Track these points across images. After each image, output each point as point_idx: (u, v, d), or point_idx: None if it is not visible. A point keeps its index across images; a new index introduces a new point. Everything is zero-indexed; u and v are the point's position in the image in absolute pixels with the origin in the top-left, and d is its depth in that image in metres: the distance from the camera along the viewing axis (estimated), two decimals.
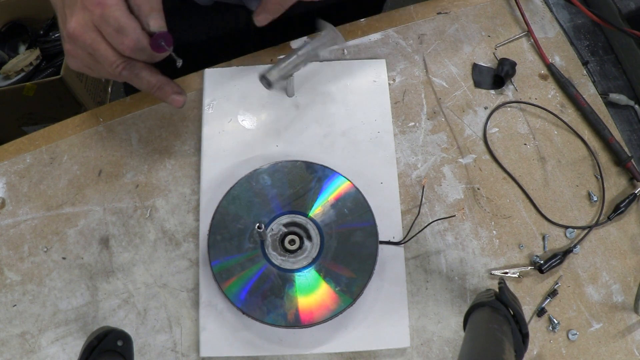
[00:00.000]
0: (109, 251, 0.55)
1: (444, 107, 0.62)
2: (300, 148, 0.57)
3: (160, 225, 0.56)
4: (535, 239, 0.56)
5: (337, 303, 0.49)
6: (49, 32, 1.51)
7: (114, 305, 0.53)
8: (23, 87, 1.36)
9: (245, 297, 0.50)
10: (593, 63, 0.66)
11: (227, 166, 0.57)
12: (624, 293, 0.54)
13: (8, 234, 0.56)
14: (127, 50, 0.44)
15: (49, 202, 0.57)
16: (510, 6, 0.67)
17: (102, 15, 0.42)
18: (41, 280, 0.54)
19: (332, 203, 0.53)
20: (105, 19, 0.43)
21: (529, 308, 0.54)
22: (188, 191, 0.57)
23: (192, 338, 0.52)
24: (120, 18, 0.43)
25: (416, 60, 0.64)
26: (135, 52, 0.45)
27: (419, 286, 0.54)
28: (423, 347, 0.52)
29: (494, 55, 0.64)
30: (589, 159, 0.60)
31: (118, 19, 0.42)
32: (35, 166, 0.59)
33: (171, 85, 0.50)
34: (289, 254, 0.52)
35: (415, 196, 0.57)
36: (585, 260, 0.56)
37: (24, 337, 0.52)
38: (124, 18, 0.43)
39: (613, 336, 0.53)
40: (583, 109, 0.61)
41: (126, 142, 0.60)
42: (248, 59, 0.63)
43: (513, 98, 0.62)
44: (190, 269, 0.54)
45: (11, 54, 1.52)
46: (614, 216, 0.57)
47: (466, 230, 0.56)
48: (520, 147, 0.60)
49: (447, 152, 0.59)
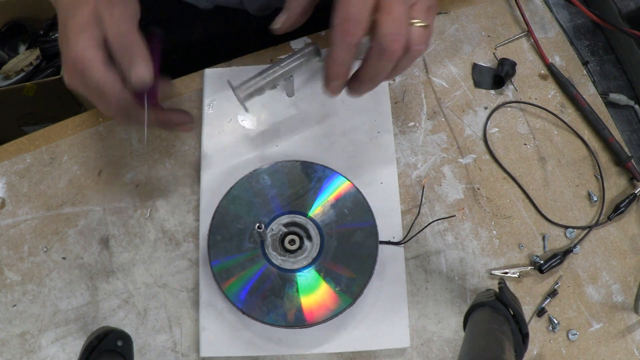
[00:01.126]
0: (109, 251, 0.55)
1: (444, 107, 0.62)
2: (300, 148, 0.57)
3: (160, 225, 0.56)
4: (535, 239, 0.56)
5: (337, 303, 0.49)
6: (49, 32, 1.51)
7: (114, 305, 0.53)
8: (23, 87, 1.36)
9: (245, 297, 0.50)
10: (593, 63, 0.66)
11: (227, 166, 0.57)
12: (624, 293, 0.54)
13: (8, 234, 0.56)
14: (111, 112, 0.42)
15: (49, 202, 0.57)
16: (510, 6, 0.67)
17: (82, 73, 0.40)
18: (41, 280, 0.54)
19: (332, 203, 0.53)
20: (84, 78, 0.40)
21: (529, 308, 0.54)
22: (188, 191, 0.57)
23: (192, 338, 0.52)
24: (98, 78, 0.40)
25: (416, 60, 0.64)
26: (120, 111, 0.42)
27: (419, 286, 0.54)
28: (423, 347, 0.52)
29: (494, 55, 0.64)
30: (589, 159, 0.60)
31: (96, 79, 0.40)
32: (35, 166, 0.59)
33: (174, 115, 0.47)
34: (289, 254, 0.52)
35: (415, 196, 0.57)
36: (585, 260, 0.56)
37: (24, 337, 0.52)
38: (102, 77, 0.40)
39: (613, 336, 0.53)
40: (583, 109, 0.61)
41: (126, 142, 0.60)
42: (248, 59, 0.63)
43: (513, 98, 0.62)
44: (190, 269, 0.54)
45: (11, 54, 1.51)
46: (614, 216, 0.57)
47: (466, 230, 0.56)
48: (520, 147, 0.60)
49: (447, 152, 0.59)
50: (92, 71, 0.40)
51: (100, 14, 0.40)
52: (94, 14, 0.40)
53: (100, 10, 0.40)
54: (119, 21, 0.40)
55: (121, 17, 0.40)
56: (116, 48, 0.40)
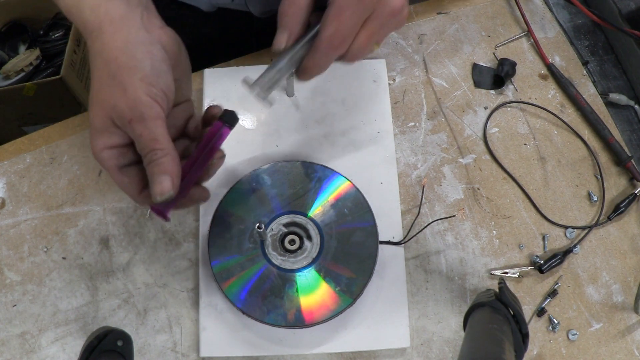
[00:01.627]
0: (109, 251, 0.55)
1: (444, 107, 0.62)
2: (300, 148, 0.57)
3: (160, 225, 0.56)
4: (535, 239, 0.56)
5: (337, 303, 0.49)
6: (49, 32, 1.51)
7: (114, 305, 0.53)
8: (23, 87, 1.36)
9: (245, 297, 0.50)
10: (593, 63, 0.66)
11: (227, 166, 0.57)
12: (624, 293, 0.54)
13: (8, 234, 0.56)
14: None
15: (49, 202, 0.57)
16: (510, 6, 0.67)
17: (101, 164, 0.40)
18: (41, 280, 0.54)
19: (332, 203, 0.53)
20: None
21: (529, 308, 0.54)
22: None
23: (192, 338, 0.52)
24: (113, 178, 0.40)
25: (416, 60, 0.64)
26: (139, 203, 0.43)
27: (419, 286, 0.54)
28: (423, 347, 0.52)
29: (494, 55, 0.64)
30: (589, 159, 0.60)
31: (111, 177, 0.40)
32: (35, 166, 0.59)
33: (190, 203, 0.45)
34: (289, 254, 0.52)
35: (415, 196, 0.57)
36: (585, 260, 0.56)
37: (24, 337, 0.52)
38: (116, 179, 0.40)
39: (613, 336, 0.53)
40: (583, 109, 0.61)
41: None
42: (248, 59, 0.63)
43: (513, 98, 0.62)
44: (190, 269, 0.54)
45: (11, 54, 1.51)
46: (614, 216, 0.57)
47: (466, 230, 0.56)
48: (520, 147, 0.60)
49: (447, 152, 0.59)
50: (108, 170, 0.40)
51: (122, 119, 0.38)
52: (111, 119, 0.38)
53: (122, 114, 0.38)
54: (139, 132, 0.38)
55: (145, 124, 0.38)
56: (141, 154, 0.39)
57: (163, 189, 0.38)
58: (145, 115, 0.37)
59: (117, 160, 0.40)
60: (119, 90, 0.37)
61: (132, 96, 0.37)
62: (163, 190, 0.38)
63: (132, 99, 0.37)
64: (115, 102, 0.38)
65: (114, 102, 0.38)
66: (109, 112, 0.38)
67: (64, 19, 1.53)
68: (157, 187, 0.38)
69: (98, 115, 0.39)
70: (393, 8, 0.41)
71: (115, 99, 0.38)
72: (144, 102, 0.37)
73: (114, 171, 0.40)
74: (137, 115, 0.37)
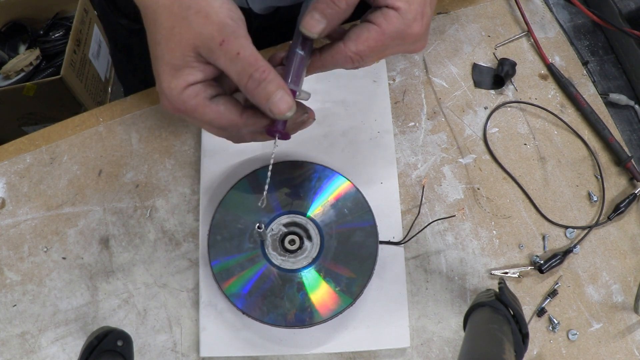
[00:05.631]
0: (109, 251, 0.55)
1: (444, 107, 0.62)
2: (300, 148, 0.57)
3: (160, 225, 0.56)
4: (535, 239, 0.56)
5: (337, 303, 0.49)
6: (49, 32, 1.51)
7: (114, 305, 0.53)
8: (23, 87, 1.36)
9: (245, 297, 0.50)
10: (593, 63, 0.66)
11: (227, 166, 0.57)
12: (624, 293, 0.54)
13: (8, 234, 0.56)
14: (222, 136, 0.40)
15: (49, 202, 0.57)
16: (510, 6, 0.67)
17: (182, 112, 0.38)
18: (41, 280, 0.54)
19: (332, 203, 0.53)
20: (186, 116, 0.38)
21: (529, 308, 0.54)
22: (188, 191, 0.57)
23: (192, 338, 0.52)
24: (202, 117, 0.38)
25: (416, 60, 0.64)
26: (234, 138, 0.41)
27: (419, 286, 0.54)
28: (423, 347, 0.52)
29: (494, 55, 0.64)
30: (589, 159, 0.60)
31: (200, 118, 0.38)
32: (35, 166, 0.59)
33: (297, 127, 0.43)
34: (289, 254, 0.52)
35: (415, 196, 0.57)
36: (585, 260, 0.56)
37: (24, 337, 0.52)
38: (208, 114, 0.38)
39: (613, 336, 0.53)
40: (583, 109, 0.61)
41: (126, 142, 0.60)
42: None
43: (513, 98, 0.62)
44: (190, 269, 0.54)
45: (11, 54, 1.52)
46: (614, 216, 0.57)
47: (466, 230, 0.56)
48: (520, 147, 0.60)
49: (447, 152, 0.59)
50: (196, 108, 0.38)
51: (211, 44, 0.36)
52: (194, 50, 0.37)
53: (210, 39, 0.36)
54: (236, 50, 0.36)
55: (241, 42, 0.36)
56: (240, 79, 0.37)
57: (288, 103, 0.36)
58: (237, 34, 0.36)
59: (205, 93, 0.38)
60: (199, 18, 0.36)
61: (216, 19, 0.36)
62: (288, 106, 0.36)
63: (217, 22, 0.36)
64: (199, 30, 0.36)
65: (198, 31, 0.36)
66: (192, 43, 0.36)
67: (64, 19, 1.53)
68: (281, 104, 0.36)
69: (176, 52, 0.37)
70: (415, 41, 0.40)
71: (198, 27, 0.36)
72: (230, 24, 0.36)
73: (205, 104, 0.38)
74: (230, 34, 0.36)
